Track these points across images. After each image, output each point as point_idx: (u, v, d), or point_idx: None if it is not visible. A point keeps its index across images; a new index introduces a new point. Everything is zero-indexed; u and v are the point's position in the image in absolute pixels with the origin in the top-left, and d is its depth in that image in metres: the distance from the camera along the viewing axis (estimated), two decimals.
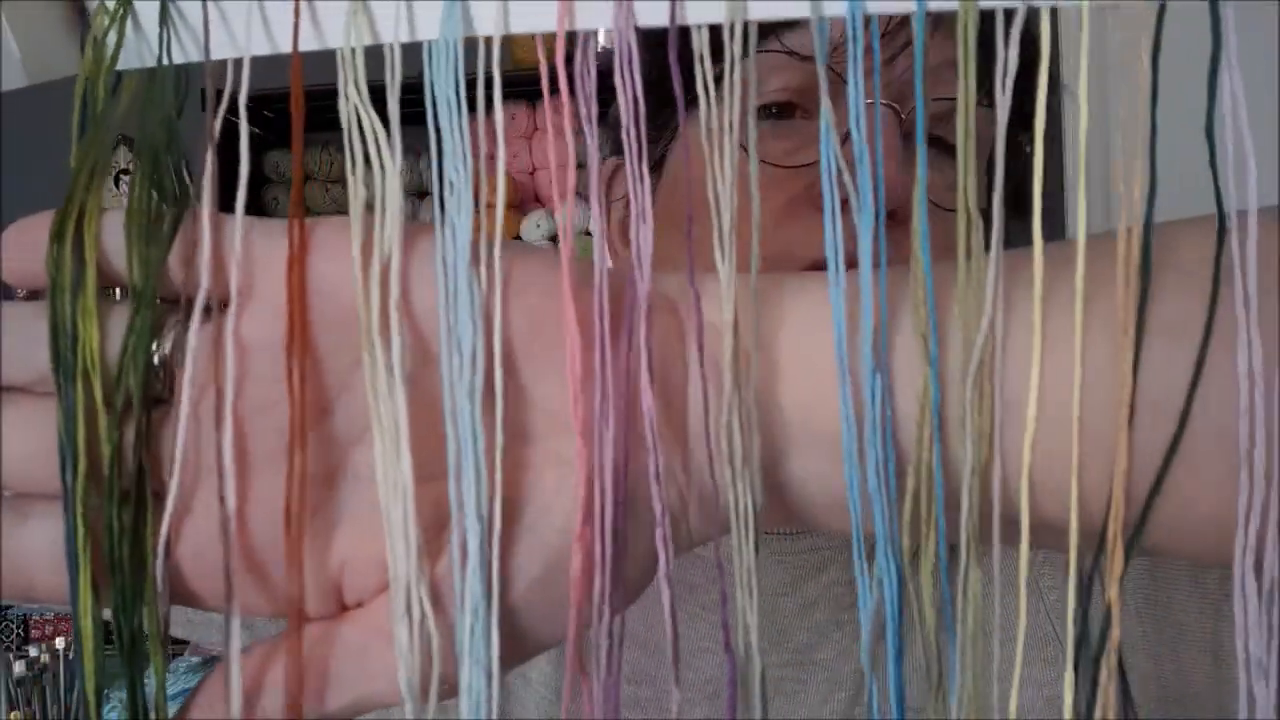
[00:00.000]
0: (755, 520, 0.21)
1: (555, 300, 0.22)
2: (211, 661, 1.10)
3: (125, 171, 2.15)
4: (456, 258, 0.22)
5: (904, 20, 0.50)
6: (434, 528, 0.23)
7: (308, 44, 0.23)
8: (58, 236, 0.22)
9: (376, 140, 0.22)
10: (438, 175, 0.22)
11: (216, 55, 0.24)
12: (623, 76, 0.21)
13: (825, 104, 0.20)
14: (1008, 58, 0.19)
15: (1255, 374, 0.19)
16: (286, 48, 0.23)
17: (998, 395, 0.21)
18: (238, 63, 0.23)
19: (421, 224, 0.23)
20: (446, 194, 0.22)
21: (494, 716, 0.21)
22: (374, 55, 0.23)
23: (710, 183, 0.21)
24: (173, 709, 0.23)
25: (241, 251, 0.23)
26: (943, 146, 0.49)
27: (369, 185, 0.23)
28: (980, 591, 0.20)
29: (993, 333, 0.20)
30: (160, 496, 0.23)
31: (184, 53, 0.24)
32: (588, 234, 2.13)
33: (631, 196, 0.22)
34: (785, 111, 0.48)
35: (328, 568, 0.24)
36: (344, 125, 0.23)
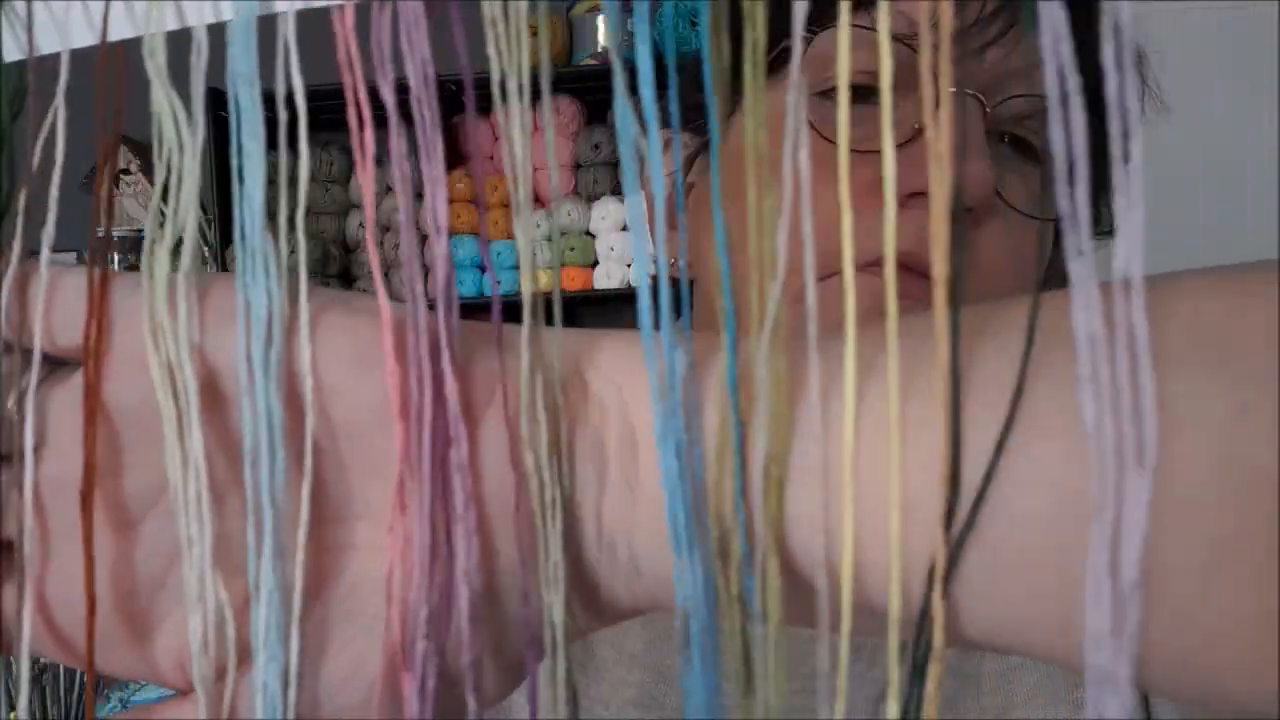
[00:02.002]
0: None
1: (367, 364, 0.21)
2: None
3: (125, 171, 2.16)
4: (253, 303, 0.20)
5: (996, 10, 0.49)
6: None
7: (121, 31, 0.22)
8: None
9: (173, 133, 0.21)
10: (239, 172, 0.21)
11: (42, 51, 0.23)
12: None
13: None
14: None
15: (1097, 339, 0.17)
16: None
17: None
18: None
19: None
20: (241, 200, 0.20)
21: None
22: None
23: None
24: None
25: (97, 305, 0.22)
26: (1024, 147, 0.47)
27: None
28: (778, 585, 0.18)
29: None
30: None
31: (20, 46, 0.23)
32: (589, 234, 2.14)
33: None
34: (860, 95, 0.47)
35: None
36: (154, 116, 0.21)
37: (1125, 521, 0.17)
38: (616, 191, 2.13)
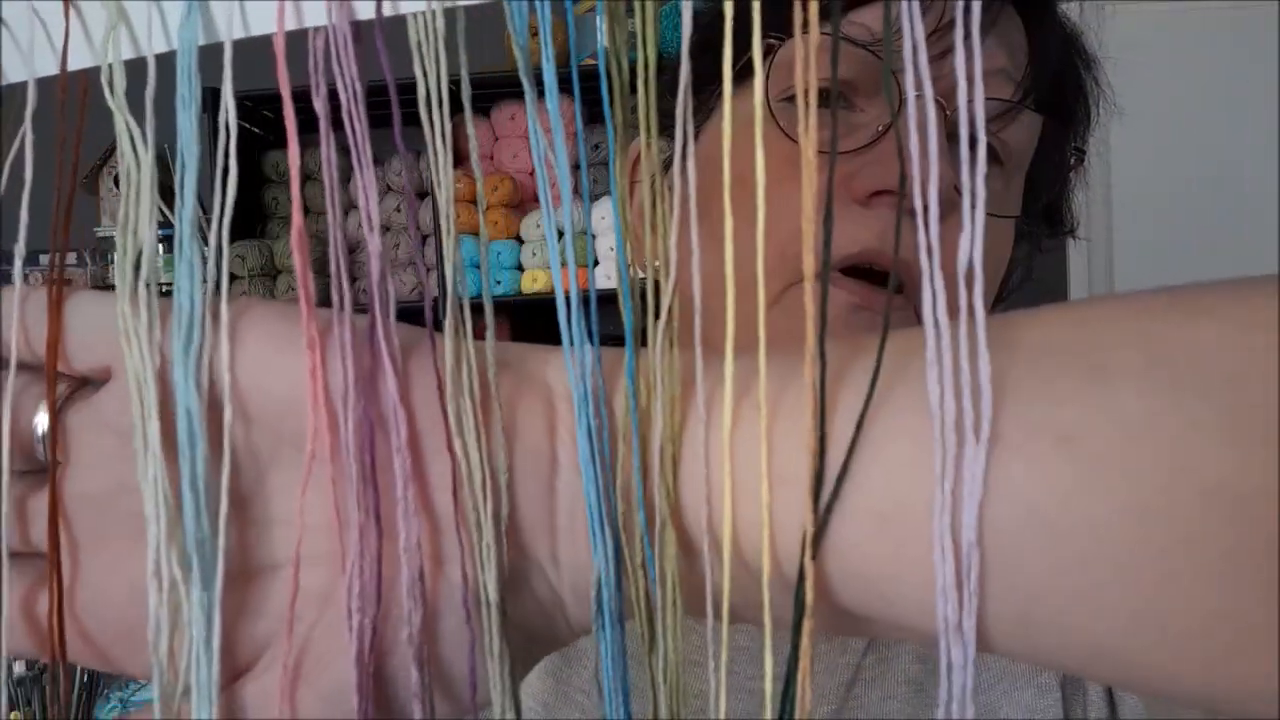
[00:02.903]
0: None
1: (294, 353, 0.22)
2: None
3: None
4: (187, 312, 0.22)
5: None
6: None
7: (82, 61, 0.24)
8: None
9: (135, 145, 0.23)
10: (179, 183, 0.23)
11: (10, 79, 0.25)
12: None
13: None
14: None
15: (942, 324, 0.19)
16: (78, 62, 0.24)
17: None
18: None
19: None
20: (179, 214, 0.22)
21: None
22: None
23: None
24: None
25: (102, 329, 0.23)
26: (988, 151, 0.49)
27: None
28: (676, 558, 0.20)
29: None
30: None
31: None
32: (589, 235, 2.16)
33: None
34: (827, 99, 0.48)
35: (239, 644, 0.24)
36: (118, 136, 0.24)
37: (966, 487, 0.19)
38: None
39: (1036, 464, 0.19)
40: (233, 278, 2.10)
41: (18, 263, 0.25)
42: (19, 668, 1.50)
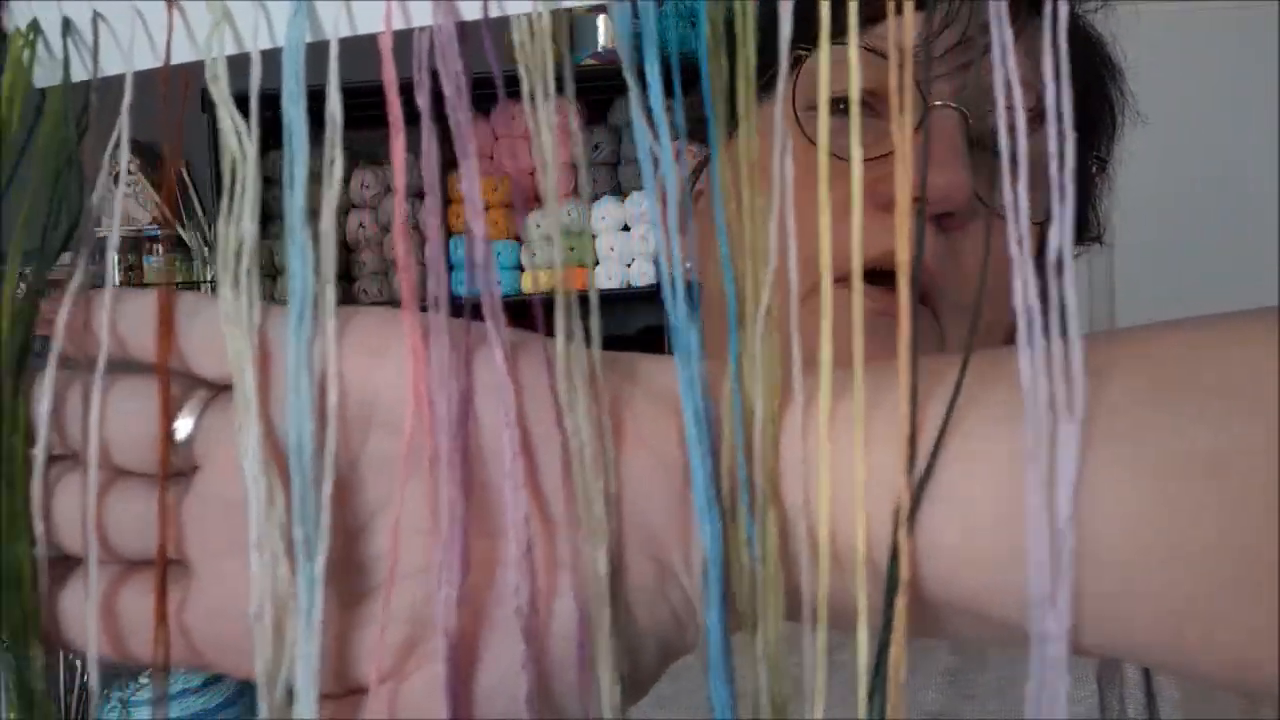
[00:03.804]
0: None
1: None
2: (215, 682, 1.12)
3: (127, 172, 2.18)
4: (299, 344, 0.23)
5: (984, 26, 0.51)
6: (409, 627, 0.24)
7: (183, 56, 0.25)
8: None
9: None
10: (289, 178, 0.23)
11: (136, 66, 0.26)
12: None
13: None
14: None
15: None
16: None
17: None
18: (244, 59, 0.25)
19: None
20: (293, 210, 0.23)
21: None
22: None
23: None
24: (174, 710, 0.25)
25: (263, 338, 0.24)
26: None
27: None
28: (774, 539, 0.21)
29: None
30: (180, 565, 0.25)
31: (86, 68, 0.26)
32: (589, 234, 2.17)
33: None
34: (848, 110, 0.49)
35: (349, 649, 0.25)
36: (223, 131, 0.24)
37: (1060, 465, 0.20)
38: (616, 192, 2.16)
39: (1181, 489, 0.20)
40: None
41: (111, 255, 0.26)
42: None
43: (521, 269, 2.18)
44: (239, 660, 0.24)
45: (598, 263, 2.17)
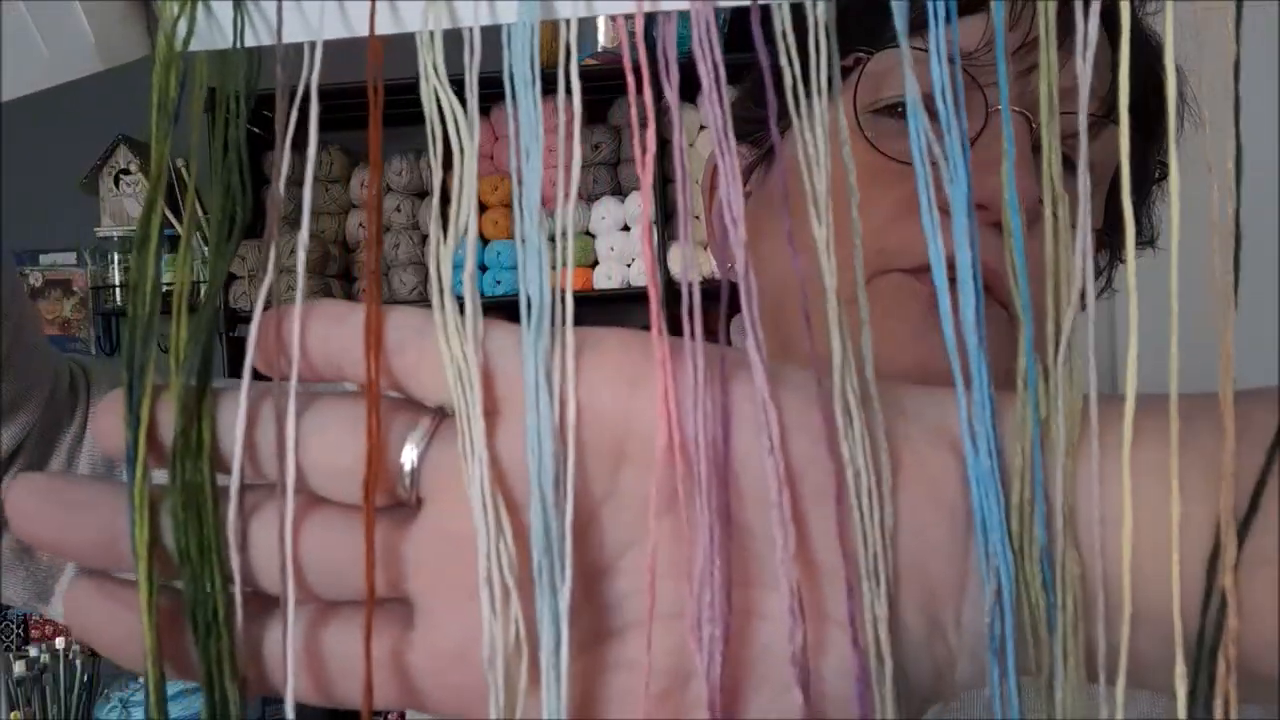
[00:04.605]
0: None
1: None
2: None
3: (125, 171, 2.13)
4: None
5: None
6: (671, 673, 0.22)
7: (385, 28, 0.22)
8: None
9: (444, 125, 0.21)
10: (518, 172, 0.21)
11: (288, 40, 0.23)
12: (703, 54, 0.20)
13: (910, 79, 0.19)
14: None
15: None
16: (362, 32, 0.22)
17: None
18: (299, 51, 0.23)
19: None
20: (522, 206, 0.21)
21: None
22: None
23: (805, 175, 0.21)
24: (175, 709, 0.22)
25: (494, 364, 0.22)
26: (1068, 163, 0.48)
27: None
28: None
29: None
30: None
31: (255, 36, 0.23)
32: (589, 234, 2.15)
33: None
34: (904, 113, 0.47)
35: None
36: (426, 112, 0.22)
37: None
38: (616, 191, 2.14)
39: None
40: (232, 278, 2.05)
41: (300, 266, 0.23)
42: (19, 668, 1.45)
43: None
44: (463, 703, 0.22)
45: (597, 263, 2.14)
